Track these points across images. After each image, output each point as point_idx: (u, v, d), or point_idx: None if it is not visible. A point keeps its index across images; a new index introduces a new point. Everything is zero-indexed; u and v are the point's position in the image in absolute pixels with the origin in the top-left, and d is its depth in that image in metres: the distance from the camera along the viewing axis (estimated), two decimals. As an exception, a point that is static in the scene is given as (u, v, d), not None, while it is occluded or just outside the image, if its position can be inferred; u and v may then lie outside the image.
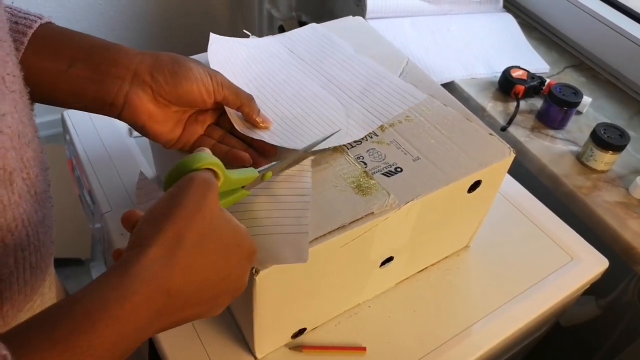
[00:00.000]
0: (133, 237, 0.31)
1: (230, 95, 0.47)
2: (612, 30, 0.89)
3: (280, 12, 1.41)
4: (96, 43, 0.43)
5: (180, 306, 0.31)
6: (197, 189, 0.33)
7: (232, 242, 0.34)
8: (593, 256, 0.65)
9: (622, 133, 0.74)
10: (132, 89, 0.43)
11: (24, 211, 0.35)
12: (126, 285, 0.28)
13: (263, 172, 0.43)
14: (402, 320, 0.57)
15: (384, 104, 0.54)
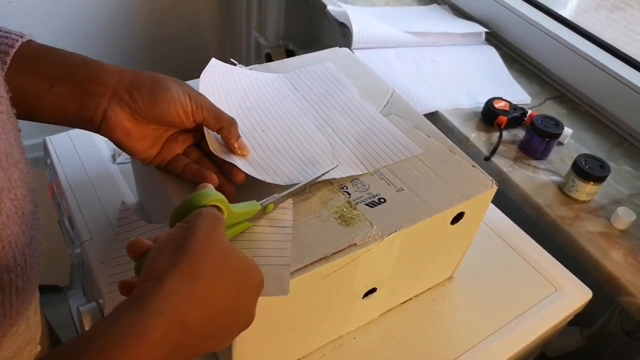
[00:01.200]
0: (146, 269, 0.31)
1: (210, 117, 0.47)
2: (591, 64, 0.92)
3: (268, 41, 1.43)
4: (77, 61, 0.44)
5: (196, 340, 0.31)
6: (207, 223, 0.33)
7: (244, 273, 0.34)
8: (577, 287, 0.66)
9: (603, 164, 0.75)
10: (110, 105, 0.43)
11: (11, 232, 0.34)
12: (144, 320, 0.28)
13: (265, 204, 0.44)
14: (388, 352, 0.56)
15: (375, 153, 0.54)
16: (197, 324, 0.30)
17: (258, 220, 0.45)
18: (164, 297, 0.29)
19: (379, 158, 0.53)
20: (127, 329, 0.27)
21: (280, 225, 0.44)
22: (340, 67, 0.65)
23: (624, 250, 0.70)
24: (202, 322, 0.31)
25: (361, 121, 0.57)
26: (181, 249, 0.31)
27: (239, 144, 0.49)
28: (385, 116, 0.59)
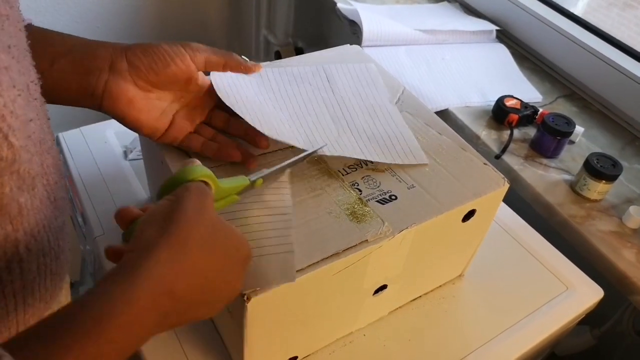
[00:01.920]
0: (135, 240, 0.32)
1: (211, 55, 0.48)
2: (603, 62, 0.91)
3: (277, 38, 1.44)
4: (76, 40, 0.45)
5: (184, 308, 0.32)
6: (195, 197, 0.34)
7: (231, 245, 0.35)
8: (588, 286, 0.65)
9: (615, 163, 0.74)
10: (110, 77, 0.44)
11: (44, 217, 0.35)
12: (133, 289, 0.28)
13: (253, 179, 0.44)
14: (397, 349, 0.56)
15: (379, 149, 0.53)
16: (184, 292, 0.31)
17: (256, 209, 0.44)
18: (152, 266, 0.29)
19: (381, 154, 0.53)
20: (116, 297, 0.28)
21: (279, 213, 0.44)
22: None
23: (636, 250, 0.70)
24: (189, 291, 0.31)
25: (380, 121, 0.56)
26: (169, 220, 0.32)
27: (251, 64, 0.51)
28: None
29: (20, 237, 0.33)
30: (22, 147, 0.31)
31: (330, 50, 0.68)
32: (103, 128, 0.76)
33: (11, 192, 0.31)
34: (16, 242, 0.33)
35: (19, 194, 0.31)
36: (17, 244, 0.33)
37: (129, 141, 0.75)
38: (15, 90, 0.30)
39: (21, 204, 0.32)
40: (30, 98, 0.33)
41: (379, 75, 0.63)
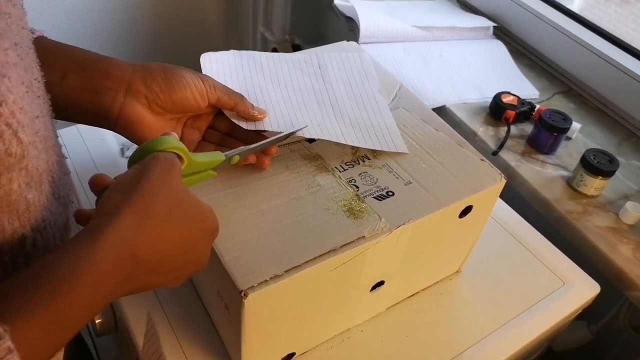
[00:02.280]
0: (101, 205, 0.33)
1: (224, 96, 0.49)
2: (600, 58, 0.91)
3: (274, 35, 1.43)
4: (88, 55, 0.44)
5: (146, 272, 0.33)
6: (161, 166, 0.35)
7: (196, 217, 0.36)
8: (585, 281, 0.65)
9: (612, 159, 0.75)
10: (126, 100, 0.44)
11: (50, 213, 0.36)
12: (98, 251, 0.30)
13: (230, 155, 0.44)
14: (395, 345, 0.56)
15: (360, 134, 0.53)
16: (147, 257, 0.32)
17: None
18: (115, 230, 0.30)
19: (362, 139, 0.53)
20: (82, 258, 0.29)
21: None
22: (348, 61, 0.65)
23: (633, 245, 0.70)
24: (152, 257, 0.32)
25: (365, 110, 0.57)
26: (134, 187, 0.33)
27: (257, 110, 0.51)
28: (392, 110, 0.59)
29: (27, 233, 0.33)
30: (30, 144, 0.31)
31: (326, 47, 0.68)
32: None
33: (19, 189, 0.31)
34: (23, 238, 0.33)
35: (27, 190, 0.32)
36: (24, 239, 0.33)
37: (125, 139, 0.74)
38: (23, 86, 0.31)
39: (29, 200, 0.32)
40: (34, 95, 0.33)
41: (372, 65, 0.63)
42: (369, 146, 0.52)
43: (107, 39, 1.45)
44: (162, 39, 1.51)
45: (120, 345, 0.64)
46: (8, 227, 0.32)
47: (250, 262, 0.42)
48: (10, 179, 0.30)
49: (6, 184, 0.30)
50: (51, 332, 0.27)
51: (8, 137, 0.29)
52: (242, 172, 0.50)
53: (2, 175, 0.29)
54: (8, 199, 0.30)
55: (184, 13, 1.50)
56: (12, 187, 0.30)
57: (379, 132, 0.54)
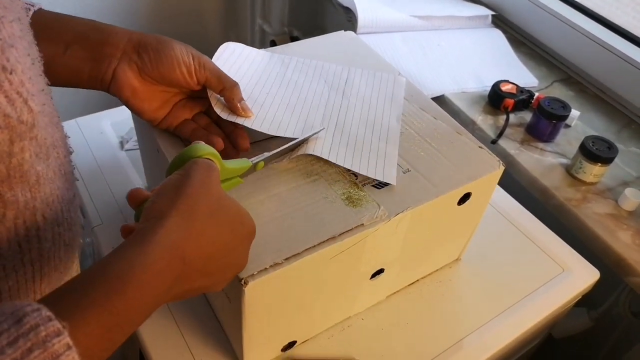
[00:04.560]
0: (147, 211, 0.34)
1: (212, 77, 0.49)
2: (598, 45, 0.91)
3: (272, 28, 1.43)
4: (89, 25, 0.46)
5: (194, 274, 0.33)
6: (201, 171, 0.36)
7: (237, 219, 0.37)
8: (584, 267, 0.66)
9: (610, 146, 0.75)
10: (120, 65, 0.45)
11: (57, 187, 0.37)
12: (149, 252, 0.30)
13: (255, 162, 0.45)
14: (395, 332, 0.57)
15: (351, 156, 0.51)
16: (194, 258, 0.33)
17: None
18: (164, 233, 0.31)
19: (350, 160, 0.50)
20: (134, 260, 0.30)
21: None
22: (346, 50, 0.65)
23: (632, 231, 0.70)
24: (199, 258, 0.33)
25: (372, 132, 0.54)
26: (179, 192, 0.34)
27: (242, 105, 0.50)
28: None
29: (37, 205, 0.34)
30: (39, 113, 0.32)
31: (324, 37, 0.68)
32: (99, 119, 0.76)
33: (31, 159, 0.32)
34: (34, 210, 0.34)
35: (37, 162, 0.33)
36: (34, 212, 0.34)
37: (124, 132, 0.75)
38: (29, 58, 0.31)
39: (39, 172, 0.33)
40: (38, 73, 0.34)
41: (403, 89, 0.60)
42: (354, 169, 0.49)
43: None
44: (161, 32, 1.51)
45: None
46: (21, 199, 0.32)
47: (250, 250, 0.42)
48: (22, 148, 0.31)
49: (19, 153, 0.31)
50: (106, 331, 0.28)
51: (19, 105, 0.29)
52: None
53: (15, 143, 0.30)
54: (21, 169, 0.31)
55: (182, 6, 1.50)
56: (24, 156, 0.31)
57: (374, 159, 0.51)
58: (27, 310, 0.25)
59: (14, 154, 0.30)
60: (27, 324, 0.24)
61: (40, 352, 0.24)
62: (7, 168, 0.30)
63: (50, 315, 0.25)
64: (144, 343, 0.53)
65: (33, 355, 0.24)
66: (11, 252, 0.34)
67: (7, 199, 0.31)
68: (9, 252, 0.34)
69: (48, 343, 0.24)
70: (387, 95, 0.59)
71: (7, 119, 0.29)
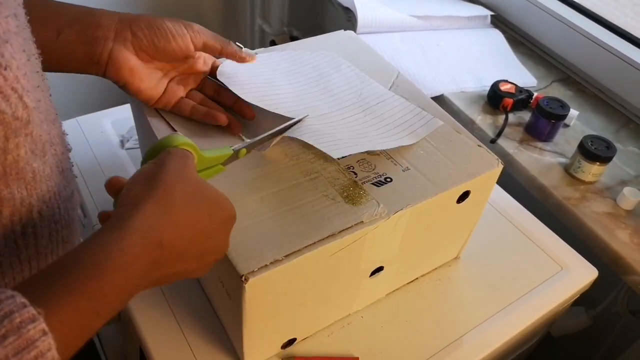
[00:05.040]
0: (122, 198, 0.34)
1: (210, 39, 0.50)
2: (597, 45, 0.91)
3: (272, 28, 1.43)
4: (80, 10, 0.46)
5: (172, 258, 0.33)
6: (176, 159, 0.36)
7: (215, 204, 0.37)
8: (582, 266, 0.66)
9: (609, 145, 0.75)
10: (115, 46, 0.46)
11: (54, 184, 0.37)
12: (125, 238, 0.30)
13: (237, 149, 0.45)
14: (395, 330, 0.57)
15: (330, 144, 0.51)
16: (172, 243, 0.33)
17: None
18: (140, 218, 0.31)
19: (325, 144, 0.50)
20: (111, 245, 0.30)
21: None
22: (345, 50, 0.65)
23: (630, 230, 0.70)
24: (176, 242, 0.33)
25: (361, 137, 0.53)
26: (154, 179, 0.34)
27: (245, 53, 0.53)
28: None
29: (34, 202, 0.34)
30: (35, 109, 0.32)
31: (324, 37, 0.69)
32: (99, 118, 0.77)
33: (26, 156, 0.32)
34: (30, 207, 0.34)
35: (33, 159, 0.33)
36: (31, 209, 0.34)
37: (125, 130, 0.75)
38: (24, 54, 0.31)
39: (35, 169, 0.33)
40: (34, 69, 0.34)
41: (430, 130, 0.56)
42: (322, 148, 0.49)
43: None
44: (160, 33, 1.51)
45: (124, 334, 0.65)
46: (17, 196, 0.32)
47: (250, 247, 0.42)
48: (18, 144, 0.31)
49: (14, 149, 0.31)
50: (83, 316, 0.28)
51: (14, 101, 0.29)
52: (241, 160, 0.50)
53: (10, 139, 0.30)
54: (17, 165, 0.31)
55: (181, 6, 1.50)
56: (19, 153, 0.31)
57: (344, 142, 0.50)
58: (1, 298, 0.25)
59: (9, 150, 0.30)
60: (1, 310, 0.24)
61: (15, 339, 0.24)
62: (3, 165, 0.30)
63: (25, 301, 0.25)
64: (144, 340, 0.53)
65: (8, 341, 0.24)
66: (7, 249, 0.34)
67: (3, 196, 0.31)
68: (5, 249, 0.34)
69: (23, 329, 0.24)
70: (408, 129, 0.55)
71: (2, 115, 0.29)
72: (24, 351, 0.24)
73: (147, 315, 0.55)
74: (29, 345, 0.24)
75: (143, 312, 0.55)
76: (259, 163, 0.50)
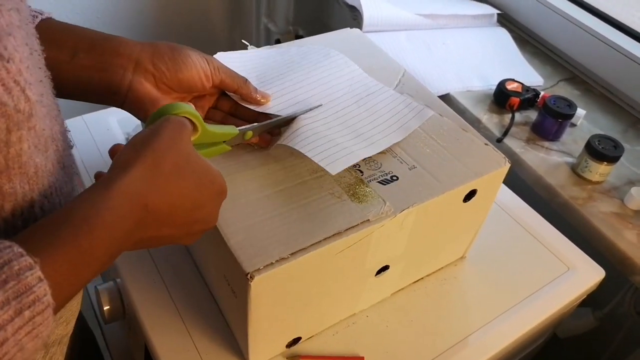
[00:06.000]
0: (115, 161, 0.35)
1: (227, 78, 0.50)
2: (605, 44, 0.90)
3: (278, 26, 1.43)
4: (97, 35, 0.46)
5: (156, 222, 0.35)
6: (172, 126, 0.36)
7: (205, 177, 0.37)
8: (589, 266, 0.65)
9: (616, 144, 0.74)
10: (135, 77, 0.45)
11: (56, 180, 0.37)
12: (112, 198, 0.32)
13: (243, 130, 0.46)
14: (400, 330, 0.57)
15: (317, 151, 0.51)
16: (157, 207, 0.34)
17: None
18: (128, 181, 0.33)
19: (310, 149, 0.50)
20: (99, 204, 0.31)
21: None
22: (351, 48, 0.65)
23: (637, 230, 0.70)
24: (161, 208, 0.34)
25: (354, 136, 0.52)
26: (146, 144, 0.35)
27: (260, 94, 0.52)
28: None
29: (35, 197, 0.34)
30: (37, 102, 0.32)
31: (330, 34, 0.68)
32: (105, 115, 0.77)
33: (29, 150, 0.32)
34: (32, 202, 0.34)
35: (36, 154, 0.33)
36: (33, 203, 0.34)
37: (131, 128, 0.75)
38: (27, 48, 0.32)
39: (37, 164, 0.34)
40: (36, 65, 0.34)
41: (421, 121, 0.55)
42: (308, 154, 0.48)
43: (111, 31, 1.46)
44: (166, 31, 1.51)
45: (129, 332, 0.65)
46: (20, 190, 0.33)
47: (256, 245, 0.42)
48: (20, 138, 0.31)
49: (17, 143, 0.31)
50: (75, 267, 0.29)
51: (16, 94, 0.30)
52: (247, 157, 0.50)
53: (13, 132, 0.30)
54: (19, 160, 0.32)
55: (187, 5, 1.50)
56: (22, 146, 0.31)
57: (332, 151, 0.49)
58: (0, 247, 0.27)
59: (12, 143, 0.31)
60: (1, 259, 0.26)
61: (15, 284, 0.26)
62: (5, 158, 0.31)
63: (22, 251, 0.27)
64: (149, 339, 0.53)
65: (8, 286, 0.26)
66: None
67: (5, 191, 0.32)
68: None
69: (21, 275, 0.26)
70: (400, 121, 0.55)
71: (4, 107, 0.29)
72: (23, 295, 0.26)
73: (152, 314, 0.55)
74: (27, 290, 0.27)
75: (148, 310, 0.55)
76: (265, 161, 0.50)
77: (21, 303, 0.26)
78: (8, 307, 0.26)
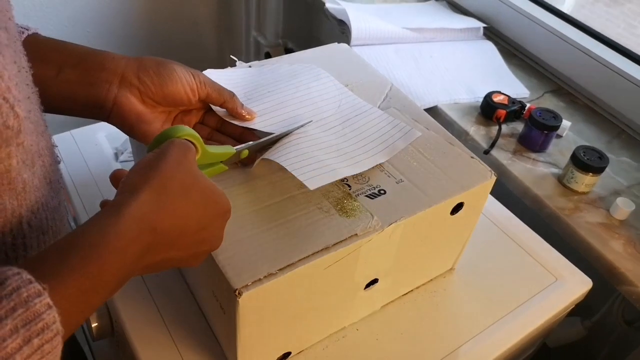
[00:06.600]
0: (122, 186, 0.35)
1: (213, 92, 0.50)
2: (589, 56, 0.92)
3: (267, 40, 1.44)
4: (83, 50, 0.46)
5: (165, 245, 0.35)
6: (177, 149, 0.37)
7: (210, 197, 0.38)
8: (577, 276, 0.66)
9: (601, 155, 0.75)
10: (120, 91, 0.45)
11: (42, 195, 0.37)
12: (121, 223, 0.32)
13: (240, 149, 0.46)
14: (390, 342, 0.57)
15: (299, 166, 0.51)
16: (166, 230, 0.34)
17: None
18: (136, 205, 0.33)
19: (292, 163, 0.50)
20: (108, 229, 0.31)
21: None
22: (339, 63, 0.66)
23: (624, 240, 0.71)
24: (170, 230, 0.34)
25: (337, 155, 0.52)
26: (152, 168, 0.35)
27: (245, 110, 0.53)
28: (384, 110, 0.59)
29: (24, 213, 0.35)
30: (26, 118, 0.32)
31: (317, 49, 0.69)
32: (93, 131, 0.77)
33: (18, 166, 0.32)
34: (20, 217, 0.34)
35: (24, 170, 0.33)
36: (20, 219, 0.35)
37: (119, 143, 0.75)
38: (15, 66, 0.32)
39: (25, 180, 0.34)
40: (24, 82, 0.34)
41: (408, 142, 0.55)
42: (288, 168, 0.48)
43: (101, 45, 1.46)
44: (156, 44, 1.52)
45: (117, 350, 0.64)
46: (9, 206, 0.33)
47: (244, 261, 0.42)
48: (9, 154, 0.31)
49: (5, 159, 0.31)
50: (84, 293, 0.29)
51: (5, 110, 0.30)
52: (235, 173, 0.50)
53: (2, 148, 0.30)
54: (8, 176, 0.32)
55: (177, 18, 1.51)
56: (11, 162, 0.32)
57: (314, 167, 0.49)
58: (9, 274, 0.26)
59: (1, 159, 0.31)
60: (9, 286, 0.26)
61: (23, 311, 0.26)
62: None
63: (31, 278, 0.27)
64: (138, 356, 0.52)
65: (17, 313, 0.26)
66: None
67: None
68: None
69: (30, 303, 0.26)
70: (387, 141, 0.55)
71: None
72: (32, 322, 0.26)
73: (141, 331, 0.54)
74: (36, 317, 0.26)
75: (137, 327, 0.54)
76: (253, 176, 0.50)
77: (30, 331, 0.26)
78: (17, 335, 0.25)
